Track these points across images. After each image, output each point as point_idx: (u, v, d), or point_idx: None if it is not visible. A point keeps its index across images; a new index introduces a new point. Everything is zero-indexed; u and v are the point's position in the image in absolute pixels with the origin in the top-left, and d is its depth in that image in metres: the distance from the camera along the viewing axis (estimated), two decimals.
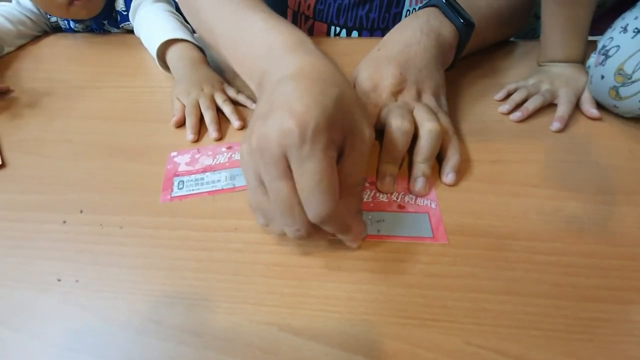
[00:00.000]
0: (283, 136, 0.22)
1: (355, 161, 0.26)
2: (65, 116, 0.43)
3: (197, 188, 0.34)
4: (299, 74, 0.25)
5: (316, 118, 0.22)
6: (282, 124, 0.22)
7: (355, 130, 0.25)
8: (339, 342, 0.25)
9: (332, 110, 0.23)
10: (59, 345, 0.25)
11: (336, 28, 0.55)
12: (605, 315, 0.25)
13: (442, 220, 0.31)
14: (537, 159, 0.35)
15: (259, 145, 0.24)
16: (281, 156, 0.23)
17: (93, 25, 0.58)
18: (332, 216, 0.24)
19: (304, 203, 0.24)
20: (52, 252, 0.30)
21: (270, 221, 0.27)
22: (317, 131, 0.22)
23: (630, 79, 0.34)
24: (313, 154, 0.22)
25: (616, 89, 0.36)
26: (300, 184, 0.23)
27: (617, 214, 0.30)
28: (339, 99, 0.24)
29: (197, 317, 0.26)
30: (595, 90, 0.38)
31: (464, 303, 0.26)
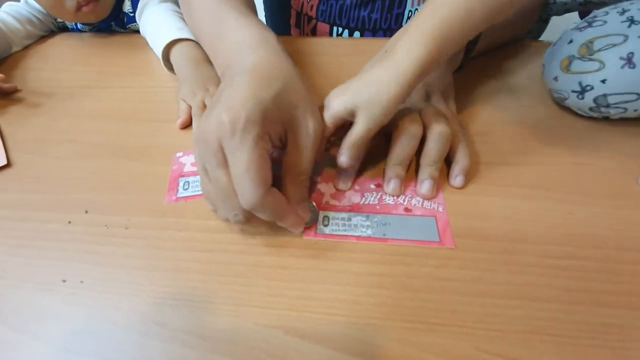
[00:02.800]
0: (217, 128, 0.25)
1: (298, 152, 0.27)
2: (70, 116, 0.43)
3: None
4: (250, 70, 0.27)
5: (248, 111, 0.24)
6: (218, 117, 0.24)
7: (296, 123, 0.27)
8: (345, 346, 0.24)
9: (268, 104, 0.25)
10: (62, 346, 0.25)
11: (338, 28, 0.56)
12: (617, 320, 0.25)
13: (449, 224, 0.30)
14: (547, 162, 0.34)
15: (200, 137, 0.26)
16: (218, 147, 0.25)
17: (100, 26, 0.59)
18: (263, 203, 0.25)
19: (236, 190, 0.25)
20: (57, 253, 0.30)
21: (216, 207, 0.29)
22: (247, 123, 0.24)
23: (590, 55, 0.33)
24: (243, 144, 0.24)
25: (571, 59, 0.35)
26: (232, 172, 0.25)
27: (629, 218, 0.30)
28: (280, 93, 0.26)
29: (202, 319, 0.26)
30: (551, 53, 0.37)
31: (473, 308, 0.26)
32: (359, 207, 0.32)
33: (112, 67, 0.50)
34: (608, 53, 0.33)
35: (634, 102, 0.34)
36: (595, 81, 0.34)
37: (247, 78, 0.26)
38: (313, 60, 0.48)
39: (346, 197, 0.32)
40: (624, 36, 0.32)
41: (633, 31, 0.32)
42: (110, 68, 0.50)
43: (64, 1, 0.50)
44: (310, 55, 0.49)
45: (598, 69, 0.33)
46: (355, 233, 0.30)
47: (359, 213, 0.31)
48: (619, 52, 0.32)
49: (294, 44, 0.51)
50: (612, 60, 0.33)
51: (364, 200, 0.32)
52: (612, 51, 0.33)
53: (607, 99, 0.34)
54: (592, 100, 0.35)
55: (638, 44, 0.32)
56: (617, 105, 0.34)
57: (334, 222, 0.31)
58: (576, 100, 0.36)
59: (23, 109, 0.44)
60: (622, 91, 0.33)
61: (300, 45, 0.51)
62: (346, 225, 0.31)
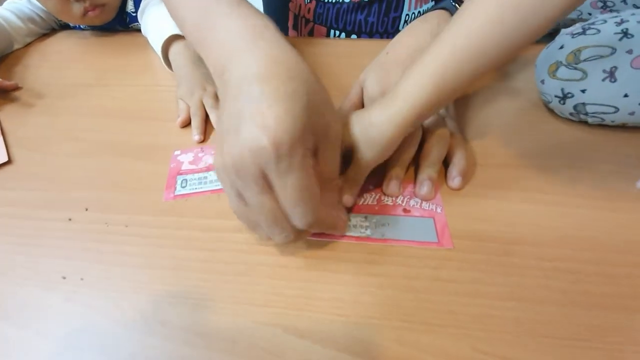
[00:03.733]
0: (259, 155, 0.22)
1: (330, 158, 0.26)
2: (71, 114, 0.43)
3: (200, 187, 0.34)
4: (265, 75, 0.23)
5: (290, 133, 0.21)
6: (256, 142, 0.21)
7: (327, 130, 0.25)
8: (345, 346, 0.25)
9: (303, 118, 0.22)
10: (63, 343, 0.25)
11: (335, 31, 0.56)
12: (613, 323, 0.25)
13: (447, 225, 0.30)
14: (544, 165, 0.35)
15: (234, 164, 0.23)
16: (259, 174, 0.23)
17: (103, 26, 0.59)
18: (318, 219, 0.25)
19: (289, 214, 0.24)
20: (58, 250, 0.30)
21: (255, 227, 0.27)
22: (292, 145, 0.22)
23: (575, 64, 0.34)
24: (292, 167, 0.22)
25: (558, 65, 0.35)
26: (283, 198, 0.23)
27: (625, 221, 0.30)
28: (309, 102, 0.23)
29: (202, 317, 0.26)
30: (543, 56, 0.38)
31: (471, 308, 0.26)
32: (358, 207, 0.32)
33: (113, 66, 0.50)
34: (592, 64, 0.33)
35: (612, 114, 0.34)
36: (576, 90, 0.35)
37: (268, 88, 0.22)
38: (313, 60, 0.49)
39: None
40: (612, 49, 0.33)
41: (623, 45, 0.33)
42: (111, 66, 0.50)
43: (70, 7, 0.51)
44: (310, 55, 0.50)
45: (580, 78, 0.34)
46: (354, 233, 0.30)
47: (357, 214, 0.31)
48: (603, 65, 0.33)
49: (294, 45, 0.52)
50: (595, 72, 0.33)
51: (363, 200, 0.32)
52: (597, 63, 0.33)
53: (585, 108, 0.35)
54: (572, 107, 0.36)
55: (623, 59, 0.32)
56: (595, 115, 0.35)
57: None
58: (558, 104, 0.37)
59: (24, 106, 0.44)
60: (600, 102, 0.34)
61: (300, 45, 0.51)
62: None
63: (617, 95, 0.33)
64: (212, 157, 0.36)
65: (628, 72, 0.32)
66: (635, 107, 0.33)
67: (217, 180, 0.33)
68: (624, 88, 0.33)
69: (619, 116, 0.34)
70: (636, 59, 0.32)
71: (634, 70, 0.32)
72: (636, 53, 0.32)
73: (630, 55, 0.32)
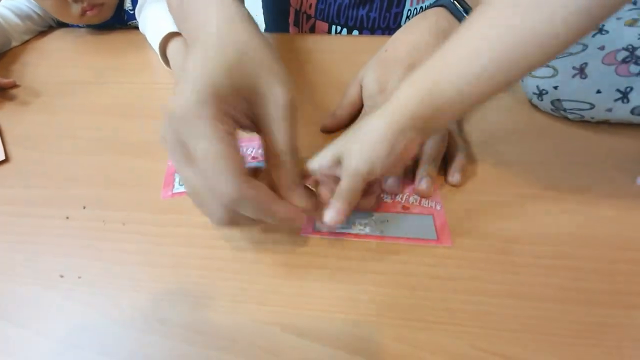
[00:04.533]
0: (168, 121, 0.21)
1: (272, 128, 0.24)
2: (69, 111, 0.43)
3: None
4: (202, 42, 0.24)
5: (197, 93, 0.21)
6: (167, 109, 0.21)
7: (262, 96, 0.23)
8: (343, 344, 0.25)
9: (219, 79, 0.21)
10: (62, 341, 0.25)
11: (337, 27, 0.56)
12: (611, 320, 0.25)
13: (446, 223, 0.30)
14: (544, 161, 0.35)
15: (161, 134, 0.22)
16: (177, 142, 0.22)
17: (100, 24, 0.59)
18: (242, 196, 0.21)
19: (208, 190, 0.22)
20: (56, 248, 0.30)
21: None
22: (198, 107, 0.20)
23: None
24: (199, 132, 0.21)
25: None
26: (199, 169, 0.22)
27: (624, 218, 0.30)
28: (233, 65, 0.22)
29: (200, 315, 0.26)
30: None
31: (469, 306, 0.26)
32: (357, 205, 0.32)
33: (111, 63, 0.50)
34: (562, 61, 0.33)
35: (588, 110, 0.35)
36: (549, 87, 0.35)
37: (199, 52, 0.23)
38: (313, 57, 0.48)
39: None
40: (583, 45, 0.33)
41: (595, 41, 0.32)
42: (109, 64, 0.50)
43: (69, 7, 0.51)
44: (310, 52, 0.49)
45: (552, 75, 0.34)
46: (353, 231, 0.30)
47: (357, 211, 0.31)
48: (573, 61, 0.33)
49: (294, 42, 0.51)
50: (565, 68, 0.33)
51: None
52: (567, 60, 0.33)
53: (562, 104, 0.35)
54: (550, 102, 0.36)
55: (594, 55, 0.32)
56: (572, 111, 0.35)
57: None
58: (537, 101, 0.37)
59: (21, 104, 0.44)
60: (574, 99, 0.34)
61: (299, 42, 0.51)
62: (344, 222, 0.31)
63: (589, 92, 0.33)
64: None
65: (599, 68, 0.32)
66: (611, 104, 0.33)
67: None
68: (595, 84, 0.33)
69: (596, 113, 0.35)
70: (607, 55, 0.32)
71: (605, 66, 0.32)
72: (608, 49, 0.32)
73: (602, 51, 0.32)
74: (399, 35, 0.38)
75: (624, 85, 0.32)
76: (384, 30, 0.54)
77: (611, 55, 0.32)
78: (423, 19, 0.38)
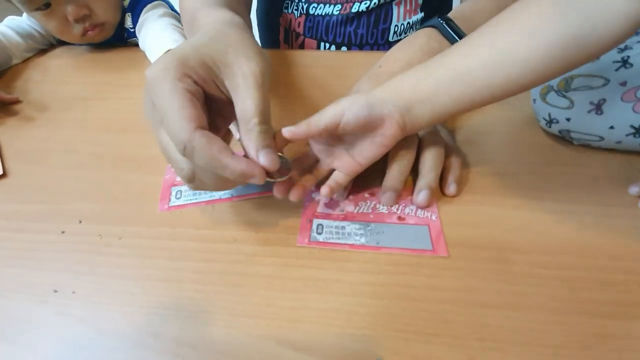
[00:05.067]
0: (146, 88, 0.25)
1: (241, 96, 0.26)
2: (67, 127, 0.43)
3: (194, 197, 0.34)
4: None
5: (165, 62, 0.25)
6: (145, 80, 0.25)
7: (230, 68, 0.26)
8: (339, 357, 0.24)
9: (185, 52, 0.25)
10: (55, 357, 0.25)
11: (325, 44, 0.57)
12: (609, 330, 0.25)
13: (442, 233, 0.30)
14: (538, 171, 0.35)
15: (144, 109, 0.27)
16: (149, 105, 0.26)
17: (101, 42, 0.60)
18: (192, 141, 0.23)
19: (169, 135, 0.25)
20: (51, 263, 0.30)
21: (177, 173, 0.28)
22: (164, 71, 0.24)
23: (565, 92, 0.33)
24: (163, 89, 0.24)
25: (549, 89, 0.35)
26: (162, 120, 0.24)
27: (619, 227, 0.30)
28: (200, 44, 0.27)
29: (195, 330, 0.26)
30: None
31: (467, 317, 0.26)
32: (353, 215, 0.32)
33: (110, 80, 0.51)
34: (581, 94, 0.33)
35: (597, 142, 0.34)
36: (562, 117, 0.34)
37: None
38: (303, 72, 0.49)
39: (340, 206, 0.33)
40: (605, 80, 0.32)
41: (618, 75, 0.31)
42: (109, 80, 0.50)
43: (71, 28, 0.52)
44: (300, 67, 0.50)
45: (567, 107, 0.34)
46: (349, 241, 0.30)
47: (352, 222, 0.31)
48: (591, 96, 0.32)
49: (290, 57, 0.52)
50: (582, 103, 0.33)
51: (358, 209, 0.32)
52: (585, 94, 0.32)
53: (570, 134, 0.35)
54: (557, 131, 0.36)
55: (615, 91, 0.31)
56: (579, 141, 0.36)
57: (328, 230, 0.31)
58: (545, 126, 0.37)
59: (21, 119, 0.45)
60: (584, 132, 0.34)
61: (290, 58, 0.52)
62: (340, 233, 0.31)
63: (602, 127, 0.33)
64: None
65: (617, 105, 0.32)
66: (622, 138, 0.33)
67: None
68: (610, 120, 0.32)
69: (605, 144, 0.34)
70: (628, 92, 0.31)
71: (624, 103, 0.31)
72: (630, 85, 0.31)
73: (623, 87, 0.31)
74: (392, 53, 0.39)
75: (639, 122, 0.32)
76: (372, 46, 0.56)
77: (631, 92, 0.31)
78: (415, 38, 0.39)
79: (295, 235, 0.31)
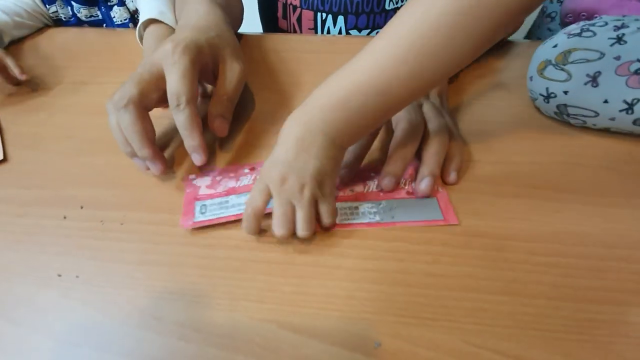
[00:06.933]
0: (161, 54, 0.32)
1: (224, 80, 0.35)
2: (67, 112, 0.43)
3: (221, 212, 0.31)
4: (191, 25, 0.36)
5: (187, 41, 0.32)
6: (163, 46, 0.32)
7: (224, 60, 0.35)
8: (339, 341, 0.25)
9: (202, 42, 0.33)
10: (60, 338, 0.26)
11: (322, 14, 0.57)
12: (602, 316, 0.26)
13: (450, 202, 0.31)
14: (537, 161, 0.35)
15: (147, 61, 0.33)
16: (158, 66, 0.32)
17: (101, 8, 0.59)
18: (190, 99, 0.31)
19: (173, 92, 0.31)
20: (53, 248, 0.30)
21: None
22: (185, 48, 0.32)
23: (563, 65, 0.34)
24: (180, 60, 0.31)
25: (547, 64, 0.35)
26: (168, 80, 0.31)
27: (615, 216, 0.31)
28: (212, 38, 0.35)
29: (198, 313, 0.26)
30: (538, 52, 0.38)
31: (464, 303, 0.26)
32: (363, 195, 0.33)
33: (108, 63, 0.50)
34: (578, 67, 0.34)
35: (592, 117, 0.35)
36: (559, 90, 0.35)
37: (189, 28, 0.35)
38: (297, 57, 0.49)
39: (349, 187, 0.33)
40: (600, 54, 0.33)
41: (613, 50, 0.32)
42: (107, 64, 0.50)
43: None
44: (294, 52, 0.50)
45: (565, 79, 0.34)
46: (364, 220, 0.31)
47: (365, 201, 0.32)
48: (588, 69, 0.33)
49: (288, 42, 0.52)
50: (579, 75, 0.34)
51: (367, 188, 0.33)
52: (582, 66, 0.33)
53: (567, 109, 0.36)
54: (555, 106, 0.36)
55: (609, 65, 0.32)
56: (576, 117, 0.36)
57: (342, 211, 0.31)
58: (542, 103, 0.37)
59: (19, 103, 0.44)
60: (581, 105, 0.35)
61: (282, 43, 0.52)
62: (354, 213, 0.31)
63: (597, 101, 0.34)
64: (231, 180, 0.34)
65: (611, 78, 0.32)
66: (616, 114, 0.33)
67: (239, 205, 0.32)
68: (604, 94, 0.33)
69: (600, 120, 0.35)
70: (621, 66, 0.32)
71: (617, 77, 0.32)
72: (623, 60, 0.32)
73: (617, 61, 0.32)
74: None
75: (632, 96, 0.32)
76: (369, 14, 0.56)
77: (625, 66, 0.32)
78: None
79: None
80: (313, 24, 0.58)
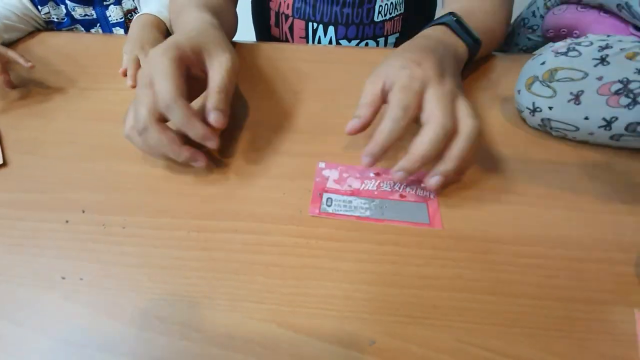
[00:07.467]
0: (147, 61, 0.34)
1: (216, 74, 0.35)
2: (67, 117, 0.43)
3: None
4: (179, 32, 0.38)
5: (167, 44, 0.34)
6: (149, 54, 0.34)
7: (212, 56, 0.35)
8: (337, 339, 0.26)
9: (182, 41, 0.34)
10: (63, 340, 0.26)
11: (313, 24, 0.59)
12: (581, 314, 0.27)
13: (439, 210, 0.33)
14: (520, 169, 0.37)
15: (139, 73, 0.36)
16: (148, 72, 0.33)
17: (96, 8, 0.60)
18: (176, 102, 0.31)
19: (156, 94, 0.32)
20: (55, 251, 0.31)
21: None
22: (166, 49, 0.33)
23: (549, 82, 0.36)
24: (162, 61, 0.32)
25: (534, 80, 0.38)
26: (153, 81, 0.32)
27: (594, 221, 0.33)
28: (192, 37, 0.36)
29: (199, 314, 0.27)
30: (526, 67, 0.40)
31: (453, 302, 0.28)
32: (359, 192, 0.35)
33: (108, 69, 0.50)
34: (563, 85, 0.36)
35: (573, 132, 0.38)
36: (545, 106, 0.37)
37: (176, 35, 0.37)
38: (292, 66, 0.50)
39: (347, 183, 0.36)
40: (584, 73, 0.35)
41: (596, 71, 0.35)
42: (107, 69, 0.50)
43: None
44: (287, 61, 0.51)
45: (550, 96, 0.37)
46: (356, 213, 0.33)
47: (359, 197, 0.34)
48: (572, 87, 0.36)
49: (282, 51, 0.53)
50: (563, 93, 0.36)
51: (364, 186, 0.35)
52: (567, 85, 0.36)
53: (550, 123, 0.38)
54: (540, 119, 0.39)
55: (591, 84, 0.35)
56: (558, 130, 0.38)
57: (337, 203, 0.34)
58: (528, 115, 0.40)
59: (19, 108, 0.45)
60: (563, 121, 0.37)
61: (274, 52, 0.53)
62: (347, 206, 0.34)
63: (578, 117, 0.36)
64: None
65: (593, 97, 0.35)
66: (595, 129, 0.36)
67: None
68: (585, 112, 0.35)
69: (579, 135, 0.37)
70: (603, 86, 0.34)
71: (599, 96, 0.34)
72: (605, 80, 0.34)
73: (599, 81, 0.34)
74: (410, 43, 0.39)
75: (610, 115, 0.34)
76: (358, 25, 0.58)
77: (606, 87, 0.34)
78: (430, 33, 0.41)
79: (298, 227, 0.32)
80: (304, 32, 0.61)
